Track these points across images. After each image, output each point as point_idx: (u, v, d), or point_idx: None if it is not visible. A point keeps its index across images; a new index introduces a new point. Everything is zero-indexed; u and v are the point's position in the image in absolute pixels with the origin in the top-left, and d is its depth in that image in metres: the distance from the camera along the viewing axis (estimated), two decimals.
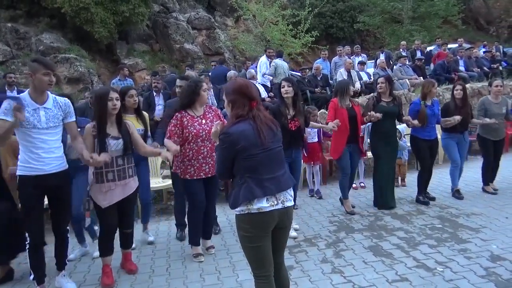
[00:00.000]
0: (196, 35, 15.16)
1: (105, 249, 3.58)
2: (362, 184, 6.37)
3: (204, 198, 3.88)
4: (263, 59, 9.33)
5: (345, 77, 8.70)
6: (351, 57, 10.36)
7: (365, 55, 11.01)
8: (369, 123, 5.34)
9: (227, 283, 3.46)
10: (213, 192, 4.07)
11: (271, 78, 8.74)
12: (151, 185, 5.40)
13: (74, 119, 3.37)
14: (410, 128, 5.44)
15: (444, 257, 3.76)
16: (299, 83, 9.01)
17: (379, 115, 4.88)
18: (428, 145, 5.29)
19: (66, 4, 11.54)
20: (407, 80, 8.97)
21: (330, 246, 4.15)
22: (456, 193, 5.56)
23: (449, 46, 12.03)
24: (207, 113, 3.90)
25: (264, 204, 2.33)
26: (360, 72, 9.26)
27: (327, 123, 4.98)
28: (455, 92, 5.46)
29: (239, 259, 3.90)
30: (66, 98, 3.32)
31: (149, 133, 4.36)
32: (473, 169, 6.62)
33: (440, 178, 6.40)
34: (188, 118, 3.77)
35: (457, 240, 4.14)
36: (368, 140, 5.68)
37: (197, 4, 17.13)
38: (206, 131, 3.77)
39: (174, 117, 3.78)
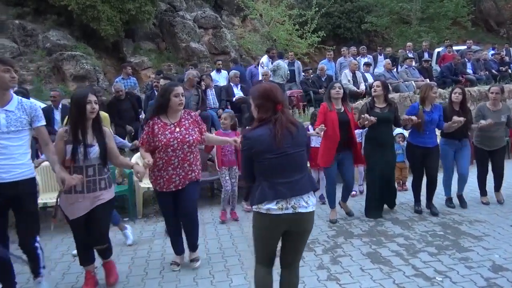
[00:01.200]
0: (202, 34, 15.11)
1: (83, 259, 3.37)
2: (361, 189, 6.19)
3: (172, 213, 3.66)
4: (264, 59, 9.30)
5: (350, 79, 8.63)
6: (357, 58, 10.26)
7: (371, 56, 10.88)
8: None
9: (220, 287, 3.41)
10: (188, 205, 3.62)
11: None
12: (150, 185, 5.40)
13: (43, 124, 3.12)
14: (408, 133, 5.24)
15: (444, 266, 3.66)
16: (302, 84, 8.98)
17: (373, 118, 4.58)
18: (423, 152, 4.95)
19: (73, 1, 11.54)
20: (413, 82, 8.84)
21: (327, 251, 4.08)
22: (448, 202, 5.35)
23: (457, 48, 11.86)
24: (183, 120, 3.57)
25: (273, 207, 2.41)
26: (366, 74, 9.15)
27: (314, 129, 4.68)
28: (453, 95, 5.09)
29: (234, 263, 3.87)
30: (33, 101, 3.14)
31: (118, 139, 4.38)
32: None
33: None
34: (160, 125, 3.47)
35: (458, 248, 4.04)
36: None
37: (204, 3, 17.09)
38: (178, 140, 3.45)
39: (146, 124, 3.57)
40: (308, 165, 5.08)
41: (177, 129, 3.49)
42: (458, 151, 5.20)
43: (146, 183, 5.04)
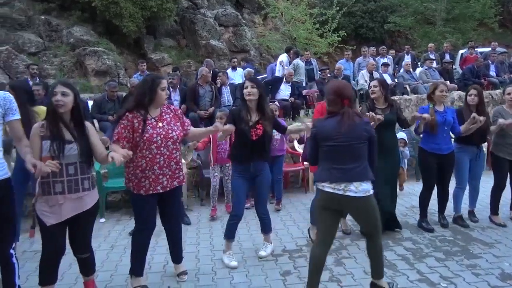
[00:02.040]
0: (222, 31, 15.18)
1: (44, 276, 2.89)
2: None
3: (154, 217, 3.30)
4: (284, 57, 9.28)
5: (367, 79, 8.52)
6: (376, 58, 10.12)
7: (390, 57, 10.71)
8: None
9: (221, 285, 3.42)
10: (174, 209, 3.42)
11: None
12: None
13: (18, 117, 2.82)
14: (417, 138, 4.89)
15: (450, 272, 3.58)
16: (318, 84, 8.92)
17: (380, 117, 4.04)
18: (437, 161, 4.44)
19: None
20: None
21: (332, 252, 4.03)
22: (459, 220, 4.75)
23: (481, 50, 11.55)
24: (164, 114, 3.25)
25: (327, 185, 2.88)
26: (384, 74, 9.01)
27: None
28: (468, 98, 4.59)
29: (237, 261, 3.86)
30: (7, 93, 2.83)
31: None
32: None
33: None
34: (139, 119, 3.11)
35: (467, 254, 3.94)
36: None
37: (226, 0, 17.16)
38: (162, 136, 3.13)
39: (124, 117, 3.13)
40: None
41: (159, 124, 3.17)
42: (474, 159, 4.69)
43: None
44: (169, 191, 3.26)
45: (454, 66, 10.87)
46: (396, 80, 9.35)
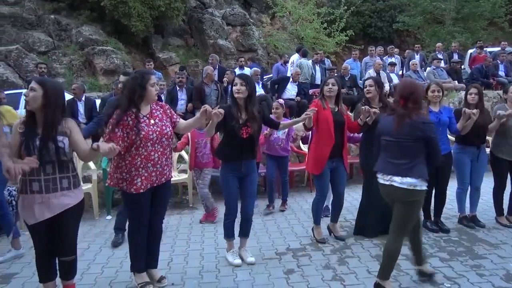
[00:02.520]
0: (230, 31, 15.20)
1: (42, 273, 2.93)
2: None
3: (148, 215, 3.25)
4: (295, 57, 9.34)
5: None
6: (384, 58, 10.09)
7: (398, 56, 10.65)
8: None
9: (224, 282, 3.45)
10: (162, 207, 3.40)
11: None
12: None
13: None
14: None
15: (454, 272, 3.57)
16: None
17: (376, 111, 3.95)
18: None
19: None
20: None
21: (336, 252, 4.05)
22: (465, 221, 4.72)
23: (491, 49, 11.44)
24: (154, 111, 3.22)
25: (380, 176, 3.22)
26: (391, 74, 8.98)
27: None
28: (468, 96, 4.49)
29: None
30: None
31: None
32: None
33: None
34: (132, 117, 3.06)
35: (472, 255, 3.92)
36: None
37: (234, 0, 17.18)
38: (157, 133, 3.12)
39: (115, 116, 3.07)
40: None
41: (152, 121, 3.14)
42: (475, 160, 4.60)
43: None
44: (159, 191, 3.25)
45: (463, 66, 10.78)
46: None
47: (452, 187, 4.77)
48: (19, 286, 3.49)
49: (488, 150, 4.85)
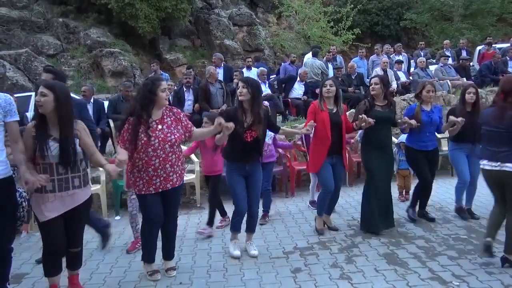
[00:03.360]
0: (237, 31, 15.25)
1: (49, 269, 3.04)
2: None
3: (159, 211, 3.37)
4: (310, 56, 9.41)
5: None
6: (392, 56, 10.04)
7: (405, 54, 10.59)
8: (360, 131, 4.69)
9: (232, 281, 3.46)
10: (170, 208, 3.50)
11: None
12: None
13: (17, 119, 2.92)
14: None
15: (463, 270, 3.54)
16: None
17: (371, 120, 4.08)
18: (425, 156, 4.64)
19: (113, 0, 11.99)
20: (448, 81, 8.53)
21: (343, 250, 4.04)
22: (460, 212, 4.86)
23: (500, 45, 11.33)
24: (165, 116, 3.33)
25: (486, 163, 3.56)
26: (398, 72, 8.93)
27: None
28: (467, 95, 4.60)
29: (248, 258, 3.91)
30: (7, 95, 2.94)
31: None
32: None
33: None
34: (141, 122, 3.22)
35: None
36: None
37: (240, 0, 17.22)
38: (160, 139, 3.21)
39: (126, 121, 3.25)
40: None
41: (159, 127, 3.26)
42: (470, 155, 4.72)
43: None
44: (168, 193, 3.38)
45: (471, 63, 10.68)
46: (411, 77, 9.25)
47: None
48: (30, 286, 3.54)
49: None
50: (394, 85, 8.45)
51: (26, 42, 11.99)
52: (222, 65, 8.88)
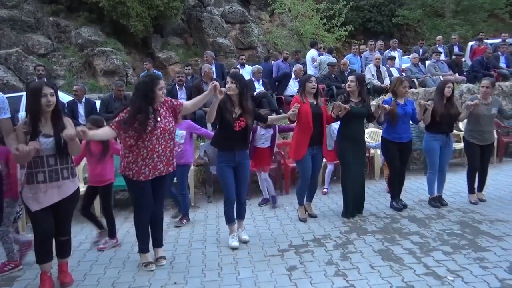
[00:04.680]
0: (229, 29, 15.17)
1: (41, 255, 3.26)
2: (325, 190, 6.11)
3: (152, 199, 3.64)
4: (313, 53, 9.54)
5: (374, 73, 8.48)
6: (386, 51, 10.08)
7: (400, 50, 10.62)
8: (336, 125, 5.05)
9: (227, 280, 3.44)
10: (162, 194, 3.80)
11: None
12: None
13: (8, 116, 3.17)
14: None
15: (457, 265, 3.55)
16: (325, 79, 8.87)
17: (347, 106, 4.52)
18: (398, 148, 4.97)
19: None
20: (440, 76, 8.55)
21: (338, 247, 4.04)
22: (433, 201, 5.18)
23: (491, 41, 11.38)
24: (159, 109, 3.57)
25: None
26: (391, 68, 8.94)
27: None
28: (446, 89, 5.00)
29: (243, 256, 3.90)
30: (0, 93, 3.19)
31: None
32: (505, 171, 6.25)
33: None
34: (142, 115, 3.43)
35: (475, 248, 3.90)
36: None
37: None
38: (161, 129, 3.49)
39: (123, 111, 3.47)
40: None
41: (158, 118, 3.50)
42: (444, 146, 5.11)
43: None
44: (160, 178, 3.62)
45: (463, 59, 10.71)
46: (403, 73, 9.27)
47: (454, 180, 4.82)
48: None
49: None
50: (386, 81, 8.46)
51: (17, 42, 11.85)
52: (213, 63, 8.84)
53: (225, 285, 3.36)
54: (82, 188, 4.32)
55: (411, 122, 5.15)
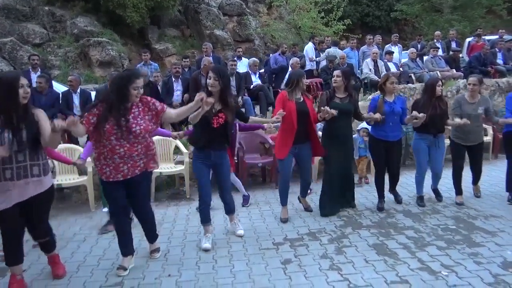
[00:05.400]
0: (227, 21, 15.09)
1: (9, 257, 3.08)
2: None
3: (125, 203, 3.42)
4: (310, 45, 9.76)
5: (371, 67, 8.46)
6: (387, 46, 10.08)
7: (401, 45, 10.60)
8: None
9: (221, 273, 3.43)
10: (139, 195, 3.48)
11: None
12: (162, 170, 5.48)
13: None
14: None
15: (451, 260, 3.56)
16: (322, 73, 8.85)
17: (334, 111, 4.28)
18: (385, 146, 4.78)
19: None
20: (438, 72, 8.54)
21: (333, 241, 4.04)
22: (419, 201, 5.05)
23: (489, 37, 11.37)
24: (133, 107, 3.26)
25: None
26: (388, 63, 8.92)
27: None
28: (437, 88, 4.76)
29: (238, 249, 3.89)
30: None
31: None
32: (500, 168, 6.26)
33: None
34: (107, 110, 3.19)
35: (469, 243, 3.91)
36: None
37: None
38: (123, 129, 3.16)
39: (96, 107, 3.20)
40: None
41: (123, 118, 3.18)
42: (433, 146, 4.93)
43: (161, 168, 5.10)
44: (131, 179, 3.32)
45: (461, 55, 10.70)
46: (401, 68, 9.25)
47: (450, 175, 4.83)
48: None
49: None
50: None
51: (11, 31, 11.70)
52: (211, 55, 8.78)
53: (219, 278, 3.35)
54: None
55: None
